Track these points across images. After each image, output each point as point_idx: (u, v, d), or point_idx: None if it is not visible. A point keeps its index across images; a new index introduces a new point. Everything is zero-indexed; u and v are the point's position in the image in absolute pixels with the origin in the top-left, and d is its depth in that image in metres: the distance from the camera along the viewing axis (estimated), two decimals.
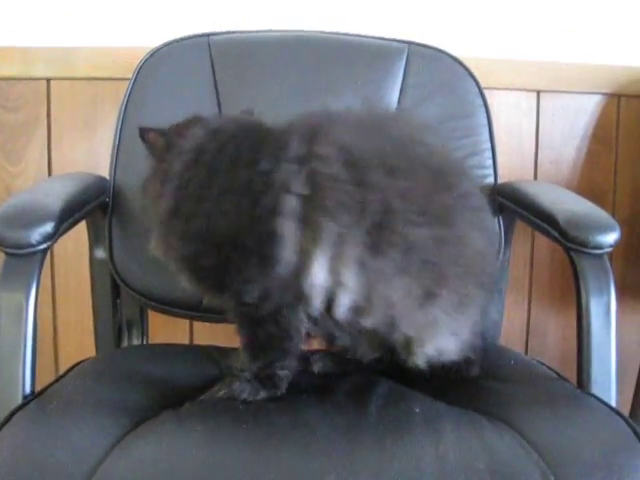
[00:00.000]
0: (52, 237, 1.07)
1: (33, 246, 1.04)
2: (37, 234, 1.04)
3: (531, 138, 1.73)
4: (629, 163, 1.76)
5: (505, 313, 1.56)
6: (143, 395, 1.02)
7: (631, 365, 1.75)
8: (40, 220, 1.06)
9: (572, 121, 1.73)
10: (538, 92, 1.71)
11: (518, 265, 1.76)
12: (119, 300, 1.41)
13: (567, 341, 1.78)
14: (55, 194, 1.16)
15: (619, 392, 1.82)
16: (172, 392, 1.03)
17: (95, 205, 1.30)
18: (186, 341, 1.71)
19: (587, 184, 1.75)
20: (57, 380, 1.08)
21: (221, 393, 1.01)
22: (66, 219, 1.13)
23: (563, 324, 1.80)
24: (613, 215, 1.74)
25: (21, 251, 1.03)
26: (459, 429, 0.91)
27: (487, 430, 0.91)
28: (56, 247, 1.63)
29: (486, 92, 1.49)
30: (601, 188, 1.75)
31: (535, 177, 1.73)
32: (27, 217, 1.07)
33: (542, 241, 1.75)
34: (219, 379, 1.08)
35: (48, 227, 1.06)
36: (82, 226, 1.38)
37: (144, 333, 1.45)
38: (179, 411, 0.96)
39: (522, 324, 1.79)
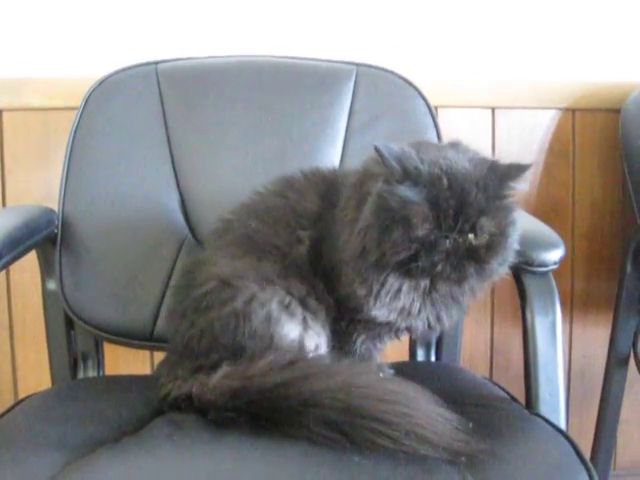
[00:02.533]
0: None
1: None
2: None
3: (487, 154, 1.69)
4: (587, 176, 1.76)
5: (467, 330, 1.55)
6: (83, 431, 1.00)
7: (596, 378, 1.75)
8: None
9: (528, 136, 1.74)
10: (493, 109, 1.72)
11: None
12: (73, 332, 1.40)
13: None
14: None
15: (586, 405, 1.83)
16: (115, 425, 1.02)
17: (42, 237, 1.29)
18: (147, 370, 1.70)
19: (546, 198, 1.75)
20: (1, 415, 1.07)
21: None
22: (7, 253, 1.12)
23: None
24: (572, 229, 1.75)
25: None
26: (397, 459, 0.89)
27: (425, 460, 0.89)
28: (12, 280, 1.63)
29: (441, 110, 1.49)
30: (560, 202, 1.75)
31: None
32: None
33: None
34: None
35: None
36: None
37: (100, 364, 1.43)
38: (115, 446, 0.94)
39: (486, 343, 1.78)
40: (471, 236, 0.96)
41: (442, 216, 0.94)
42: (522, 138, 1.73)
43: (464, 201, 0.94)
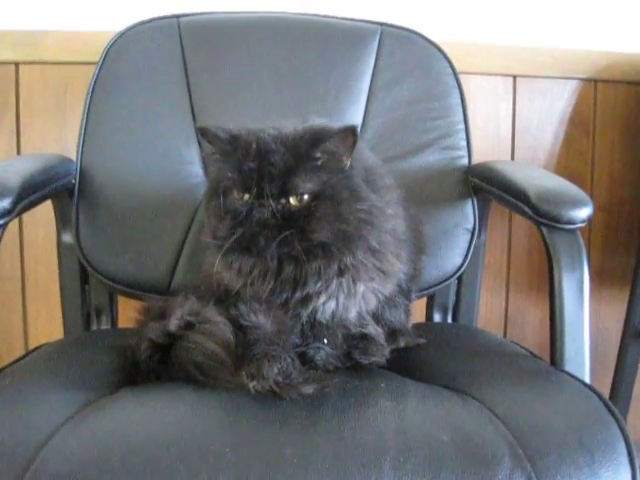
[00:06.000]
0: (9, 213, 1.04)
1: None
2: None
3: (508, 123, 1.71)
4: (606, 148, 1.74)
5: (483, 300, 1.54)
6: (101, 374, 0.99)
7: (610, 353, 1.74)
8: None
9: (549, 106, 1.72)
10: (514, 77, 1.70)
11: (495, 253, 1.74)
12: (87, 286, 1.38)
13: (545, 328, 1.75)
14: (15, 170, 1.13)
15: (599, 379, 1.81)
16: (131, 372, 1.00)
17: (60, 186, 1.27)
18: None
19: (564, 170, 1.73)
20: (15, 362, 1.05)
21: None
22: (26, 196, 1.10)
23: (541, 311, 1.78)
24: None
25: None
26: (425, 403, 0.89)
27: (454, 404, 0.89)
28: (25, 234, 1.62)
29: (462, 77, 1.47)
30: (578, 174, 1.74)
31: None
32: None
33: (519, 228, 1.74)
34: None
35: (5, 203, 1.03)
36: (52, 213, 1.36)
37: (113, 319, 1.41)
38: (136, 388, 0.94)
39: (500, 311, 1.77)
40: (292, 200, 0.91)
41: (247, 181, 0.91)
42: (543, 108, 1.72)
43: (267, 162, 0.91)
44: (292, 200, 0.92)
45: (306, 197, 0.92)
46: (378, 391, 0.91)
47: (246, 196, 0.93)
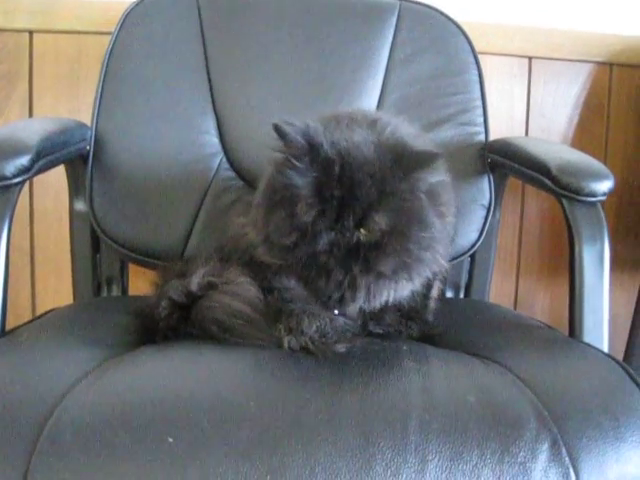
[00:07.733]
0: (28, 171, 1.03)
1: (7, 179, 1.00)
2: (12, 167, 1.01)
3: (522, 105, 1.70)
4: (620, 132, 1.73)
5: (493, 281, 1.53)
6: (118, 333, 0.99)
7: (619, 340, 1.72)
8: (15, 153, 1.03)
9: (564, 89, 1.71)
10: (530, 58, 1.69)
11: (507, 234, 1.73)
12: (99, 254, 1.37)
13: (555, 311, 1.76)
14: (33, 130, 1.12)
15: None
16: (149, 331, 0.99)
17: (75, 150, 1.25)
18: None
19: None
20: (30, 321, 1.04)
21: None
22: (43, 156, 1.09)
23: (551, 294, 1.77)
24: None
25: None
26: (448, 365, 0.88)
27: (477, 367, 0.88)
28: (35, 206, 1.60)
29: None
30: (592, 156, 1.72)
31: None
32: (2, 150, 1.03)
33: (531, 210, 1.73)
34: None
35: (24, 160, 1.02)
36: (63, 183, 1.35)
37: (124, 289, 1.40)
38: (157, 345, 0.93)
39: (510, 293, 1.76)
40: (363, 232, 0.87)
41: (327, 208, 0.86)
42: (558, 90, 1.71)
43: (352, 194, 0.86)
44: (363, 231, 0.88)
45: (377, 233, 0.88)
46: (401, 353, 0.90)
47: (319, 219, 0.87)
